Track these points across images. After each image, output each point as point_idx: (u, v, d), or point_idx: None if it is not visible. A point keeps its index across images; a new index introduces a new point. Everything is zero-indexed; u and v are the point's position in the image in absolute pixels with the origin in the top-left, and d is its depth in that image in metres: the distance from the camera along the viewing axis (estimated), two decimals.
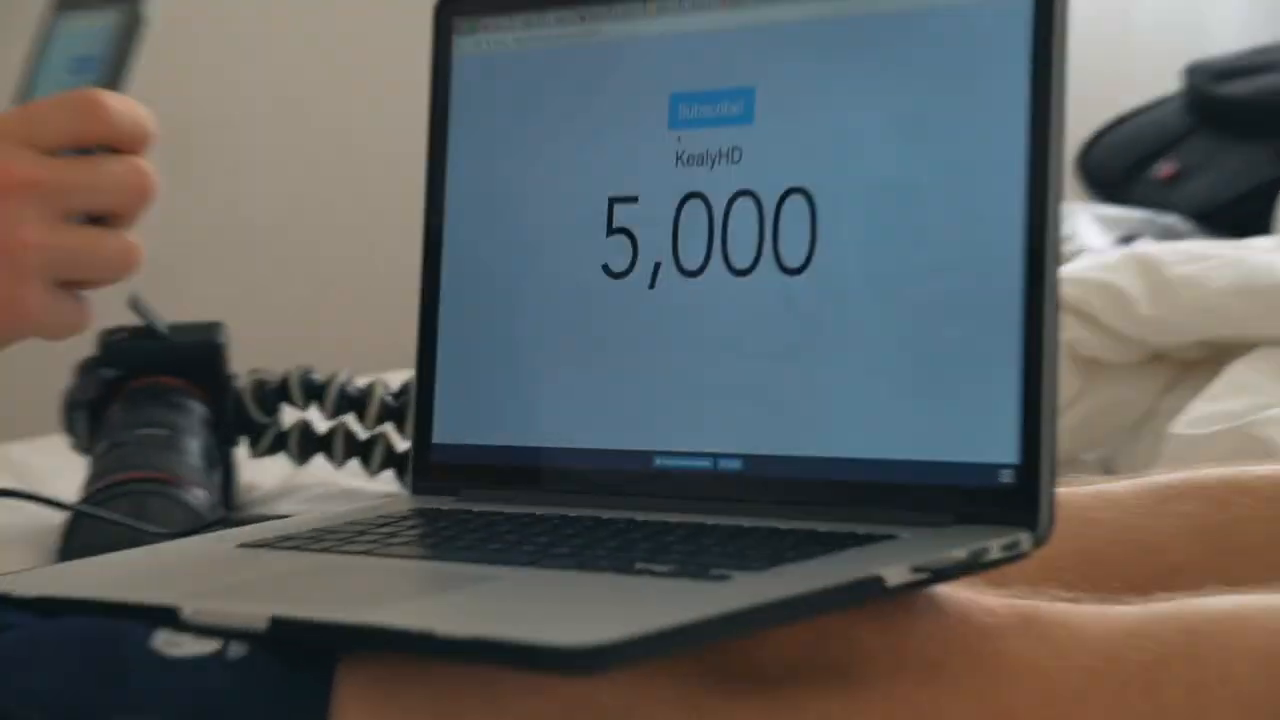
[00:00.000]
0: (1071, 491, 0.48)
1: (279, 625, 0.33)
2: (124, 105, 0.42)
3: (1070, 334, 0.71)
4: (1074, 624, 0.37)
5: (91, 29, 0.45)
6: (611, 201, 0.45)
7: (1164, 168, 1.26)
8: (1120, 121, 1.35)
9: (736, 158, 0.43)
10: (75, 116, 0.41)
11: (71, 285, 0.42)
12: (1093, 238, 1.02)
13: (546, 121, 0.47)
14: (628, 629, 0.28)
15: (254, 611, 0.34)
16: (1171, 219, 1.16)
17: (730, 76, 0.44)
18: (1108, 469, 0.76)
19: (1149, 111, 1.37)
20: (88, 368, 0.69)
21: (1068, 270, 0.76)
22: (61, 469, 0.76)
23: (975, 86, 0.40)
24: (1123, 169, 1.25)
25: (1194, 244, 0.94)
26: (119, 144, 0.42)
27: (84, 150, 0.41)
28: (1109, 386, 0.74)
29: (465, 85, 0.47)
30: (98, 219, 0.42)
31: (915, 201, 0.41)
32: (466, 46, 0.47)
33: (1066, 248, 0.97)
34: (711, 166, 0.44)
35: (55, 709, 0.35)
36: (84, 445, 0.69)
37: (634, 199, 0.45)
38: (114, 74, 0.44)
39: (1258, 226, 1.09)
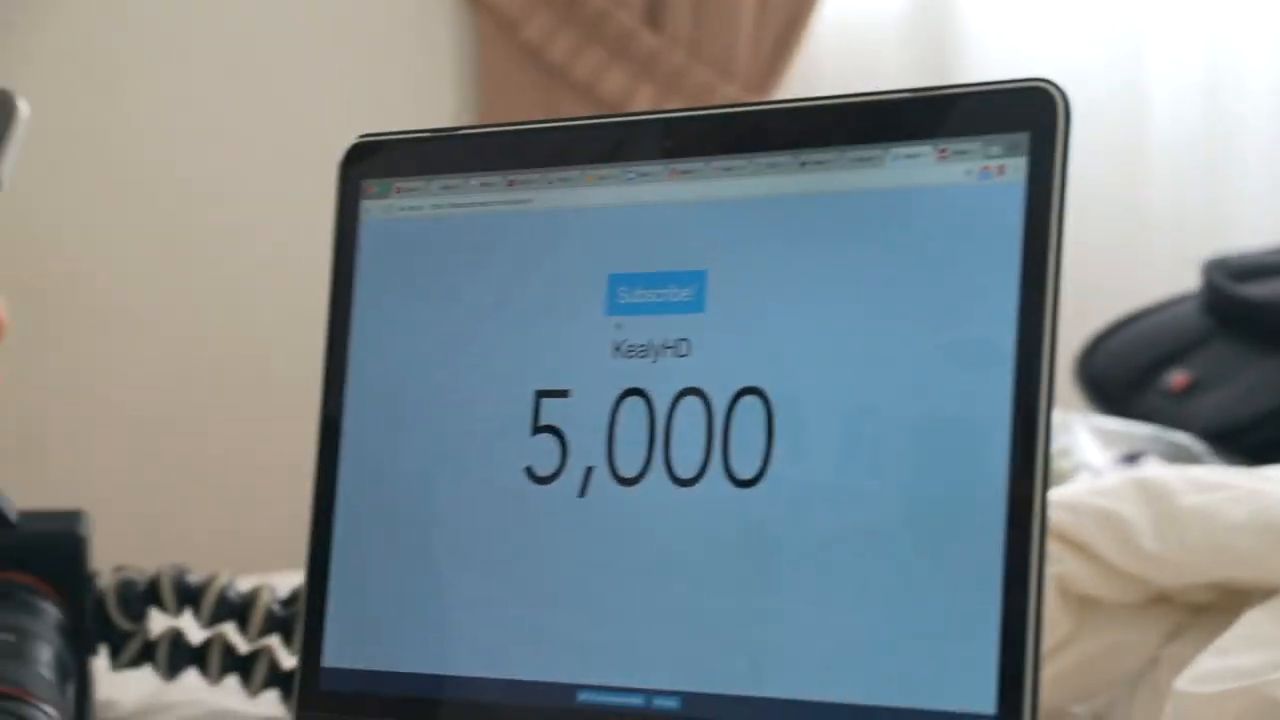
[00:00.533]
0: None
1: None
2: None
3: (1063, 567, 0.65)
4: None
5: None
6: (538, 395, 0.41)
7: (1176, 377, 1.16)
8: (1129, 321, 1.25)
9: (684, 350, 0.40)
10: None
11: None
12: (1092, 454, 0.97)
13: (467, 300, 0.43)
14: None
15: None
16: (1182, 437, 1.06)
17: (679, 258, 0.41)
18: None
19: (1162, 311, 1.26)
20: None
21: (1063, 494, 0.70)
22: None
23: (957, 278, 0.36)
24: (1130, 376, 1.17)
25: (1208, 470, 0.85)
26: None
27: None
28: (1106, 629, 0.68)
29: (373, 255, 0.43)
30: None
31: (887, 408, 0.36)
32: (375, 211, 0.43)
33: (1062, 464, 0.93)
34: (654, 359, 0.40)
35: None
36: None
37: (564, 393, 0.41)
38: None
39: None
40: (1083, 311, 1.07)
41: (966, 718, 0.33)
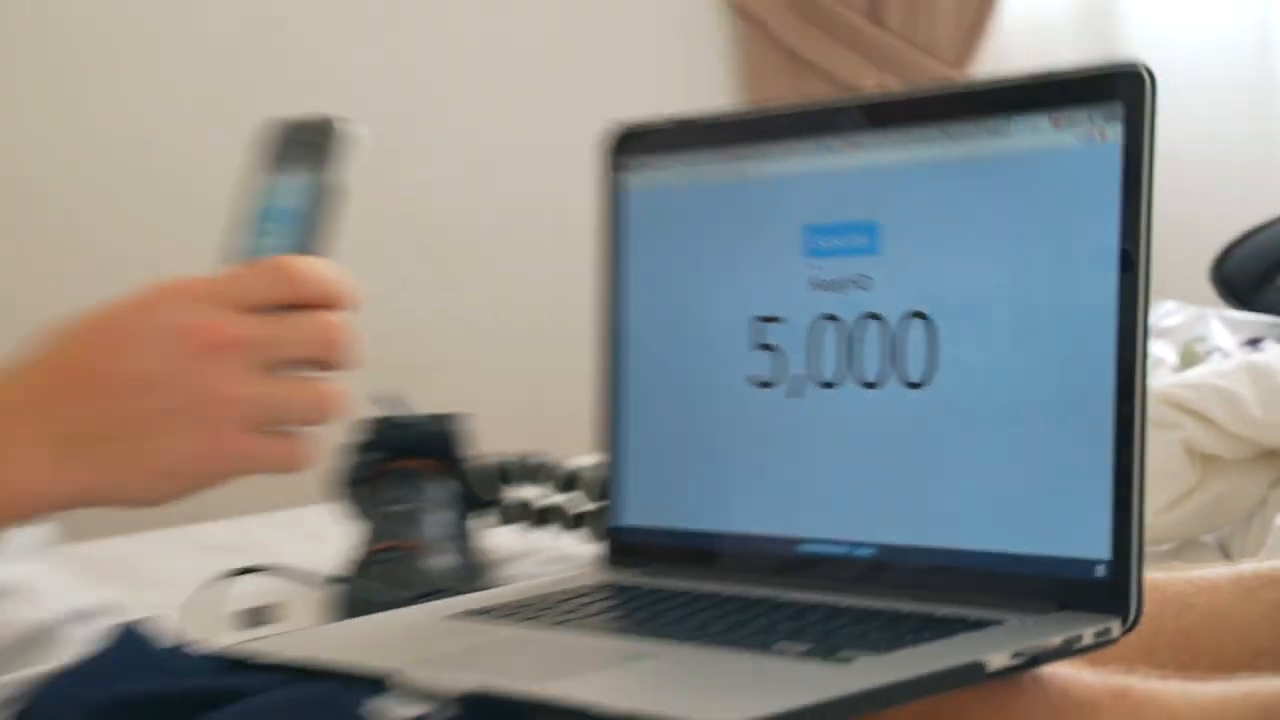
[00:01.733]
0: (1171, 578, 0.54)
1: (470, 699, 0.41)
2: (319, 269, 0.45)
3: (1189, 432, 0.86)
4: (1161, 699, 0.43)
5: (295, 189, 0.48)
6: (756, 320, 0.53)
7: None
8: (1255, 232, 1.42)
9: (865, 285, 0.51)
10: (274, 283, 0.45)
11: (282, 428, 0.46)
12: (1223, 340, 1.12)
13: (700, 248, 0.56)
14: (759, 710, 0.35)
15: (450, 685, 0.42)
16: None
17: (858, 212, 0.51)
18: (1224, 551, 0.87)
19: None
20: (361, 450, 0.86)
21: (1189, 375, 0.93)
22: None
23: (1073, 218, 0.45)
24: (1255, 276, 1.34)
25: None
26: (315, 305, 0.45)
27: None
28: (1224, 479, 0.87)
29: (632, 214, 0.57)
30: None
31: (1021, 325, 0.47)
32: (634, 182, 0.58)
33: (1197, 349, 1.08)
34: (843, 292, 0.51)
35: None
36: (357, 517, 0.86)
37: (776, 319, 0.53)
38: (311, 236, 0.47)
39: None
40: (1219, 223, 1.47)
41: (1090, 562, 0.44)
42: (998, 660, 0.40)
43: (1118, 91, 0.43)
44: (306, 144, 0.48)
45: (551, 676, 0.43)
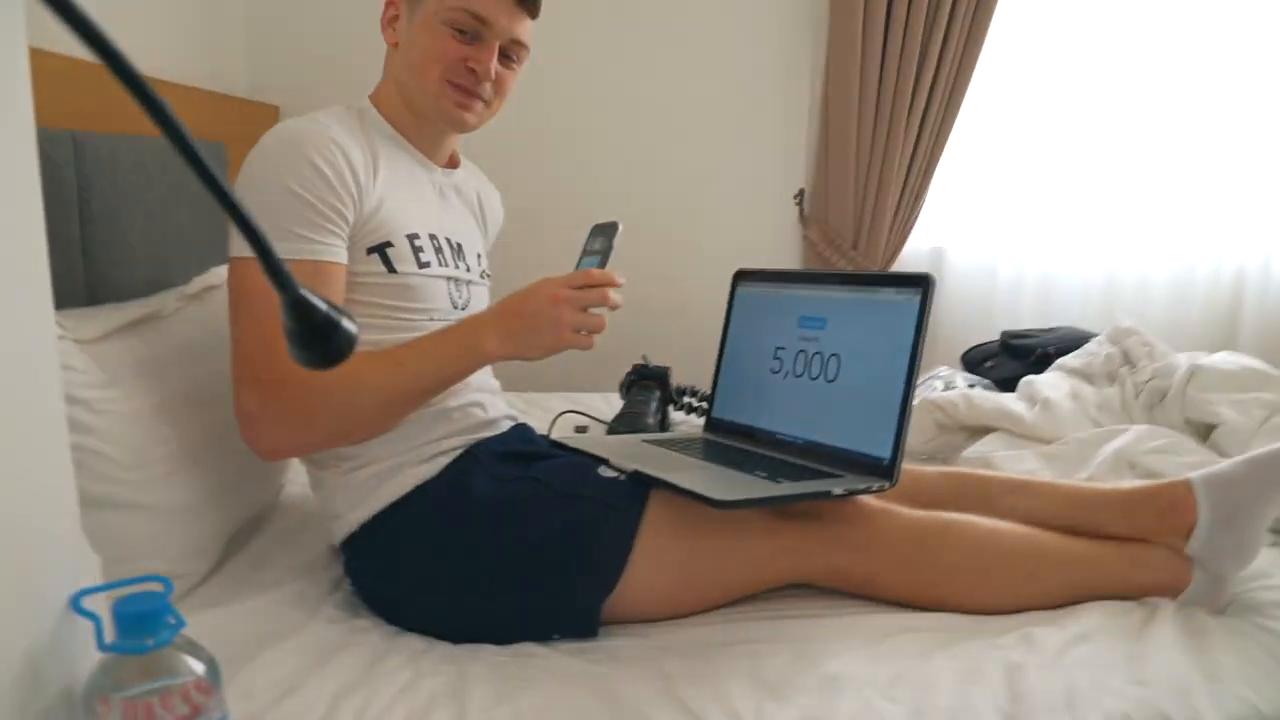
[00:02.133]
0: (907, 467, 1.29)
1: (636, 473, 1.20)
2: (605, 277, 1.17)
3: (937, 416, 1.86)
4: (895, 511, 1.21)
5: (604, 238, 1.23)
6: (775, 347, 1.37)
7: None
8: (977, 346, 2.47)
9: (817, 340, 1.32)
10: (586, 277, 1.17)
11: (586, 331, 1.17)
12: (960, 383, 2.06)
13: (760, 315, 1.39)
14: (742, 496, 1.10)
15: (629, 466, 1.21)
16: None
17: (818, 313, 1.32)
18: (945, 463, 1.74)
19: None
20: (629, 375, 1.80)
21: (944, 394, 1.83)
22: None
23: (898, 325, 1.21)
24: (973, 364, 2.34)
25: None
26: (603, 285, 1.17)
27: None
28: (946, 435, 1.82)
29: (738, 297, 1.43)
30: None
31: (874, 362, 1.24)
32: (741, 287, 1.43)
33: (950, 384, 2.00)
34: (808, 341, 1.33)
35: (558, 485, 1.21)
36: (624, 399, 1.79)
37: (783, 348, 1.36)
38: (605, 259, 1.21)
39: None
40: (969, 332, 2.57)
41: (882, 458, 1.20)
42: (837, 491, 1.14)
43: (920, 283, 1.20)
44: (605, 227, 1.25)
45: (667, 470, 1.19)
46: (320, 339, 0.53)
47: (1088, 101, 2.70)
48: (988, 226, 2.73)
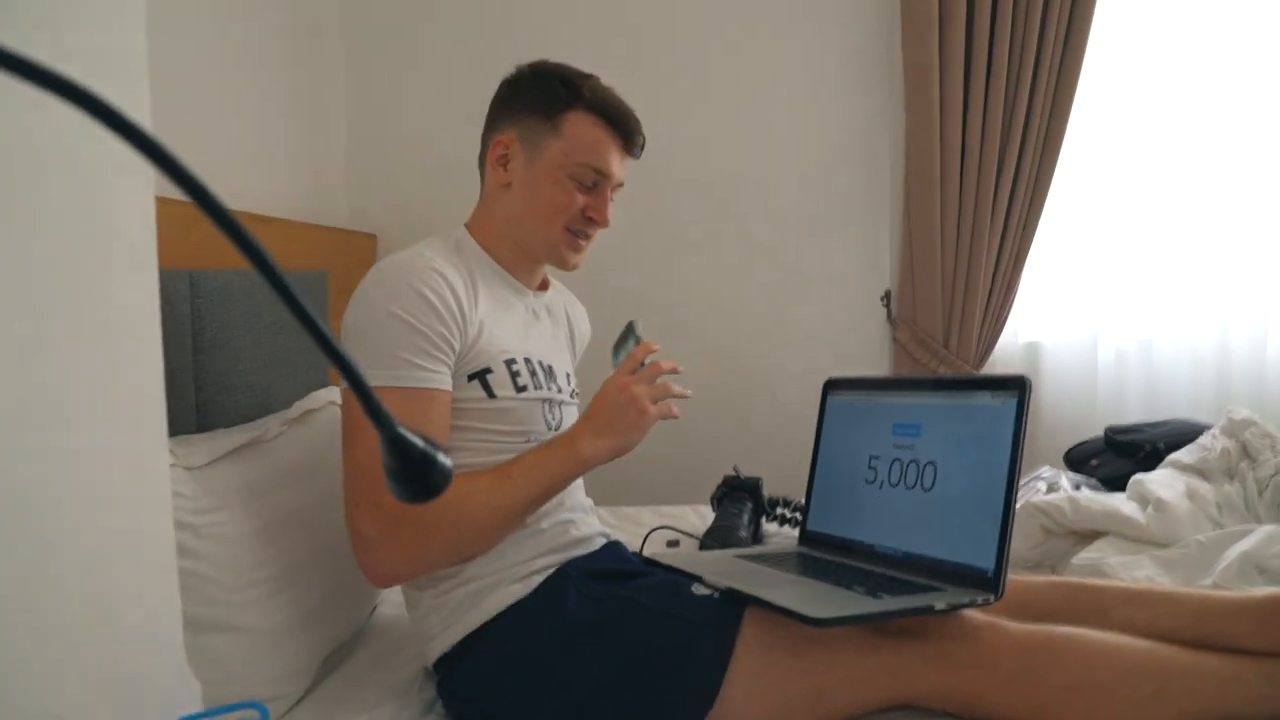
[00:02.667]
0: (1013, 577, 1.23)
1: (730, 590, 1.17)
2: (643, 351, 1.28)
3: (1043, 520, 1.74)
4: (1002, 626, 1.14)
5: (627, 334, 1.33)
6: (870, 456, 1.34)
7: None
8: (1081, 444, 2.37)
9: (912, 447, 1.29)
10: (634, 362, 1.29)
11: (663, 400, 1.25)
12: (1065, 484, 2.06)
13: (854, 425, 1.37)
14: (840, 613, 1.06)
15: (723, 583, 1.18)
16: None
17: (913, 419, 1.30)
18: (1053, 570, 1.70)
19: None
20: (720, 488, 1.78)
21: (1049, 497, 1.73)
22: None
23: (995, 430, 1.18)
24: (1077, 463, 2.25)
25: None
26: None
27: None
28: (1053, 541, 1.71)
29: (829, 407, 1.41)
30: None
31: (973, 470, 1.20)
32: (832, 396, 1.41)
33: (1054, 485, 1.96)
34: (904, 449, 1.30)
35: (651, 605, 1.19)
36: (716, 512, 1.77)
37: (878, 456, 1.33)
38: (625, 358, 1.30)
39: None
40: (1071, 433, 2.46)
41: (985, 569, 1.16)
42: (939, 605, 1.10)
43: (1016, 385, 1.17)
44: (629, 326, 1.32)
45: (761, 587, 1.16)
46: (417, 475, 0.54)
47: (1178, 174, 2.63)
48: (1083, 317, 2.66)
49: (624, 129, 1.33)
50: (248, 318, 1.44)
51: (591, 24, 2.56)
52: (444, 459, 0.55)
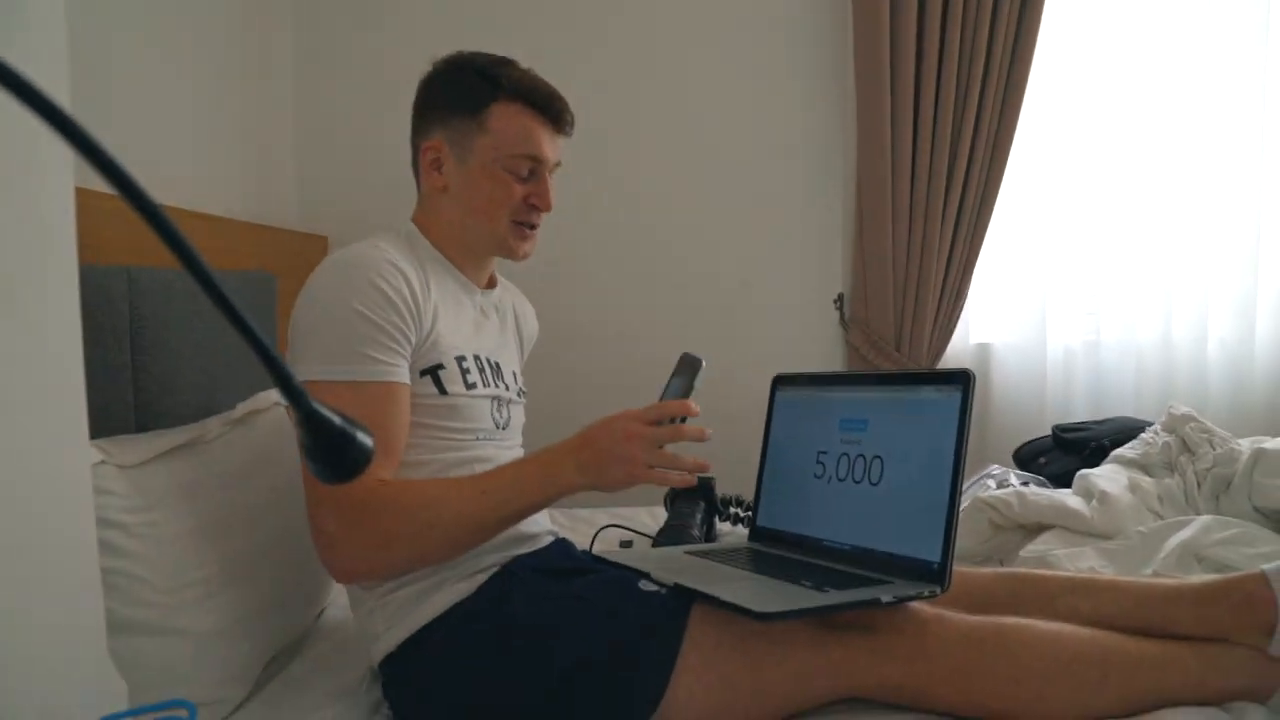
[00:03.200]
0: (960, 570, 1.23)
1: (678, 586, 1.15)
2: (681, 407, 1.19)
3: (990, 514, 1.74)
4: (948, 618, 1.14)
5: (688, 374, 1.24)
6: (818, 451, 1.34)
7: None
8: (1031, 441, 2.42)
9: (859, 442, 1.28)
10: (661, 411, 1.18)
11: (660, 469, 1.18)
12: (1014, 480, 2.03)
13: (801, 421, 1.37)
14: (786, 607, 1.04)
15: (668, 579, 1.16)
16: None
17: (859, 414, 1.30)
18: (1000, 563, 1.66)
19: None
20: (680, 492, 1.76)
21: (997, 492, 1.74)
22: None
23: (940, 425, 1.17)
24: (1024, 460, 2.30)
25: None
26: (678, 415, 1.22)
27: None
28: (1001, 535, 1.71)
29: (777, 403, 1.40)
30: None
31: (917, 464, 1.20)
32: (780, 392, 1.40)
33: (1003, 481, 1.95)
34: (850, 444, 1.30)
35: (597, 602, 1.18)
36: (669, 511, 1.75)
37: (825, 452, 1.33)
38: (688, 392, 1.23)
39: None
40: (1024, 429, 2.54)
41: (932, 561, 1.15)
42: (885, 598, 1.08)
43: (960, 379, 1.16)
44: (691, 361, 1.25)
45: (709, 582, 1.15)
46: (335, 453, 0.53)
47: (1123, 179, 2.68)
48: (1031, 319, 2.70)
49: (550, 111, 1.31)
50: (190, 316, 1.41)
51: (543, 26, 2.55)
52: (363, 437, 0.53)
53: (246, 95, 2.23)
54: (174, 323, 1.36)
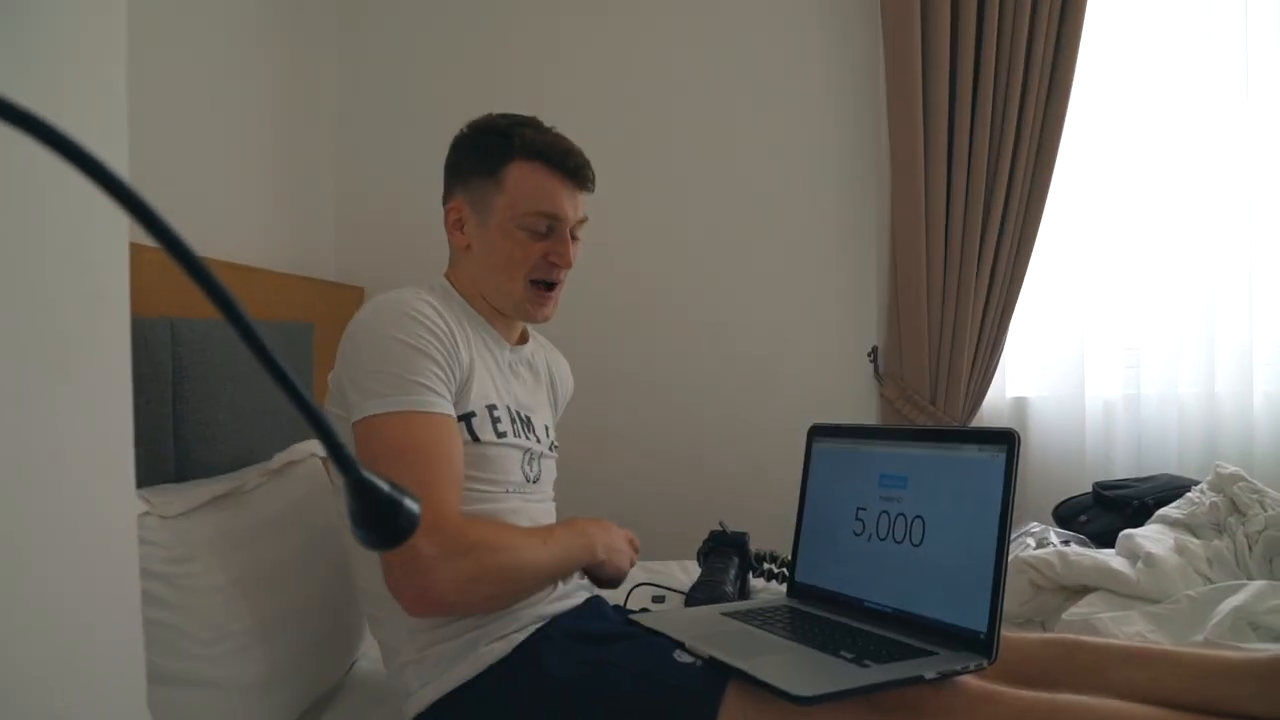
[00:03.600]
0: (1006, 635, 1.19)
1: (711, 660, 1.12)
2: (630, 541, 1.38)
3: (1032, 575, 1.70)
4: (1000, 695, 1.07)
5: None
6: (856, 508, 1.32)
7: None
8: (1070, 499, 2.41)
9: (899, 499, 1.26)
10: (630, 537, 1.37)
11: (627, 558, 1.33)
12: (1054, 539, 2.03)
13: (840, 475, 1.35)
14: (826, 688, 1.00)
15: (706, 651, 1.12)
16: None
17: (900, 470, 1.28)
18: (1044, 627, 1.64)
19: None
20: (707, 543, 1.74)
21: (1038, 552, 1.70)
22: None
23: (985, 486, 1.15)
24: (1065, 519, 2.26)
25: None
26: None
27: None
28: (1042, 596, 1.66)
29: (815, 455, 1.38)
30: None
31: (960, 526, 1.17)
32: (817, 443, 1.38)
33: (1043, 540, 1.94)
34: (890, 501, 1.27)
35: (632, 670, 1.15)
36: (702, 568, 1.73)
37: (864, 508, 1.30)
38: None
39: None
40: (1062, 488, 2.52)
41: (978, 630, 1.11)
42: (929, 675, 1.04)
43: (1005, 439, 1.14)
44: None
45: (746, 655, 1.10)
46: (384, 520, 0.52)
47: (1162, 229, 2.64)
48: (1069, 372, 2.65)
49: (566, 167, 1.32)
50: (230, 367, 1.42)
51: (583, 85, 2.58)
52: (410, 504, 0.53)
53: (289, 150, 2.28)
54: (215, 373, 1.37)
